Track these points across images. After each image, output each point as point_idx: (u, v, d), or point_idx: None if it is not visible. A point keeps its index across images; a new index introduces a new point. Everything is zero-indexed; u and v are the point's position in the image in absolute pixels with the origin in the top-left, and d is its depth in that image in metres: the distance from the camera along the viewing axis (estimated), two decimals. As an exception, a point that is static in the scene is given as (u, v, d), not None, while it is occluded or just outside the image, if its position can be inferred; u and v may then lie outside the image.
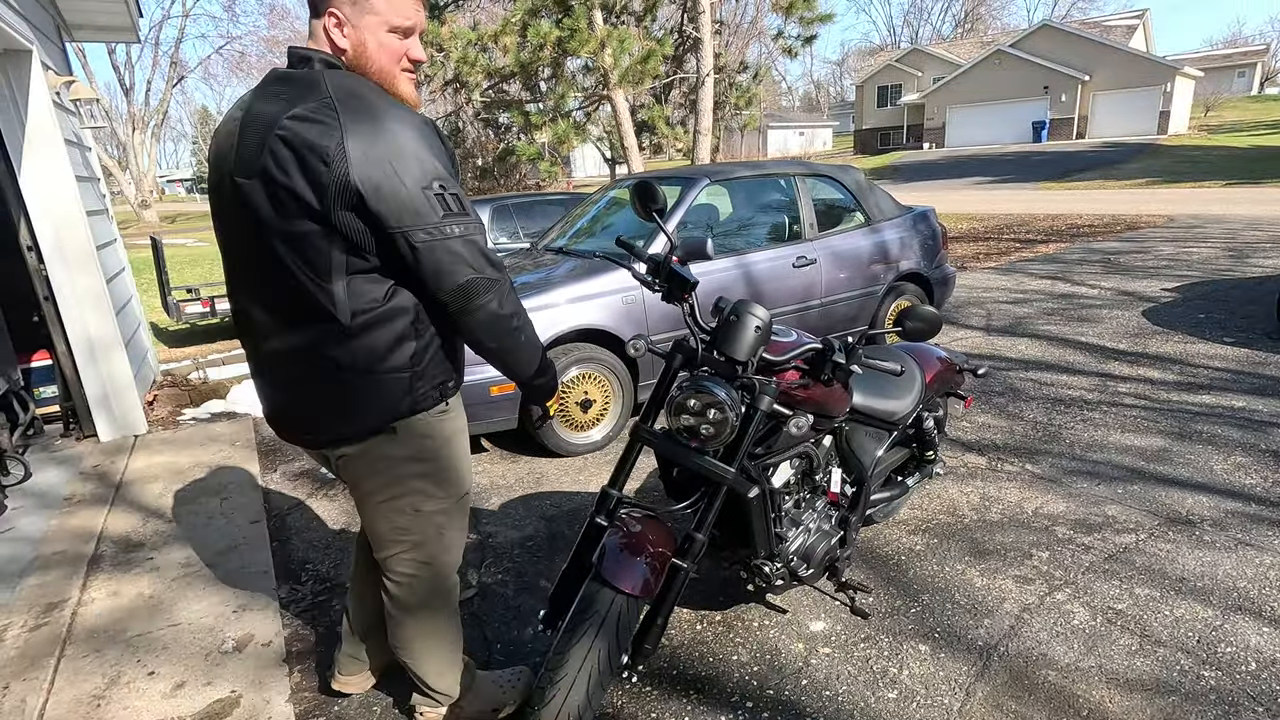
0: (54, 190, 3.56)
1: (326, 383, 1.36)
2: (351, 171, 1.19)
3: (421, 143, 1.25)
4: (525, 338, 1.43)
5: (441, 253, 1.26)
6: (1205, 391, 3.77)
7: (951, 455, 3.22)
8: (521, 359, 1.45)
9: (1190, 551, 2.37)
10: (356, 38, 1.30)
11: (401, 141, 1.23)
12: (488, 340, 1.38)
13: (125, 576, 2.54)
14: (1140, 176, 18.81)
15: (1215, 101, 34.30)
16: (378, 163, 1.20)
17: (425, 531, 1.51)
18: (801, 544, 1.93)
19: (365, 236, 1.25)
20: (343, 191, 1.20)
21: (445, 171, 1.28)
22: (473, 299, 1.31)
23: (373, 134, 1.21)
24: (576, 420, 3.42)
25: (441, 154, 1.29)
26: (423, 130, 1.27)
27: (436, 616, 1.63)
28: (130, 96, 27.14)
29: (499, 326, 1.36)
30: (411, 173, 1.23)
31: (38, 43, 3.59)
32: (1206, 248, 8.12)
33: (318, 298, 1.29)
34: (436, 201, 1.24)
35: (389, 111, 1.25)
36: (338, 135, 1.20)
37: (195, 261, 13.59)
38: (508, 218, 6.30)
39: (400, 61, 1.35)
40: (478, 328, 1.35)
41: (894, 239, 4.43)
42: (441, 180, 1.26)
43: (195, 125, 55.04)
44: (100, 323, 3.77)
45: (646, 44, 9.66)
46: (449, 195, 1.26)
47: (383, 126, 1.23)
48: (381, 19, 1.29)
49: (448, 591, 1.63)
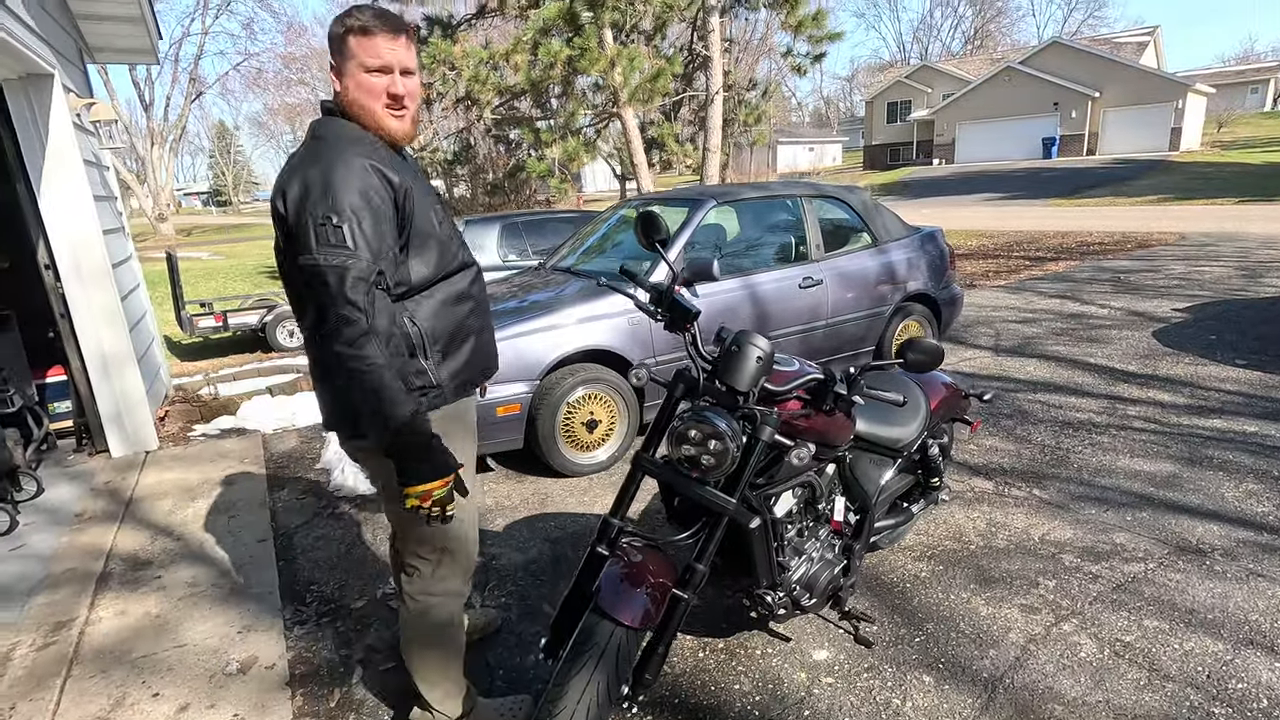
0: (72, 210, 3.63)
1: (319, 386, 1.60)
2: (280, 195, 1.42)
3: (338, 179, 1.36)
4: (371, 389, 1.35)
5: (312, 277, 1.36)
6: (1216, 416, 3.73)
7: (958, 479, 3.20)
8: (364, 408, 1.37)
9: (1200, 582, 2.34)
10: (343, 83, 1.48)
11: (317, 174, 1.38)
12: (336, 374, 1.39)
13: (133, 595, 2.56)
14: (1151, 193, 18.72)
15: (1228, 118, 34.15)
16: (293, 193, 1.39)
17: (421, 529, 1.60)
18: (804, 573, 1.92)
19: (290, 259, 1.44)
20: (276, 215, 1.43)
21: (346, 208, 1.35)
22: (323, 324, 1.37)
23: (303, 167, 1.41)
24: (582, 440, 3.43)
25: (367, 194, 1.38)
26: (349, 170, 1.38)
27: (439, 621, 1.69)
28: (150, 112, 27.63)
29: (341, 364, 1.35)
30: (312, 204, 1.36)
31: (60, 66, 3.68)
32: (1219, 266, 8.06)
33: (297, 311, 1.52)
34: (316, 232, 1.35)
35: (330, 149, 1.42)
36: (287, 167, 1.44)
37: (210, 275, 13.77)
38: (517, 235, 6.35)
39: (380, 98, 1.48)
40: (328, 356, 1.38)
41: (901, 259, 4.43)
42: (337, 214, 1.35)
43: (212, 139, 55.89)
44: (114, 339, 3.83)
45: (656, 62, 9.75)
46: (333, 228, 1.34)
47: (313, 160, 1.41)
48: (357, 62, 1.46)
49: (447, 593, 1.68)
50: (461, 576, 1.71)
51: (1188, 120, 28.11)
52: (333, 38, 1.47)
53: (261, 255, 17.87)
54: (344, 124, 1.49)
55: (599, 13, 8.92)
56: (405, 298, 1.51)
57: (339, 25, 1.46)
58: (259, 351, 7.29)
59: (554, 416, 3.30)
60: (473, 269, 1.66)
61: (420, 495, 1.40)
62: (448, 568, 1.66)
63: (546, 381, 3.31)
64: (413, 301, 1.52)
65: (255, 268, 14.96)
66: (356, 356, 1.34)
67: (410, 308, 1.52)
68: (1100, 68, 28.97)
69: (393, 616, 2.38)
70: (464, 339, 1.61)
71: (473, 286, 1.65)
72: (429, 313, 1.54)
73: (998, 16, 58.34)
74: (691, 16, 10.43)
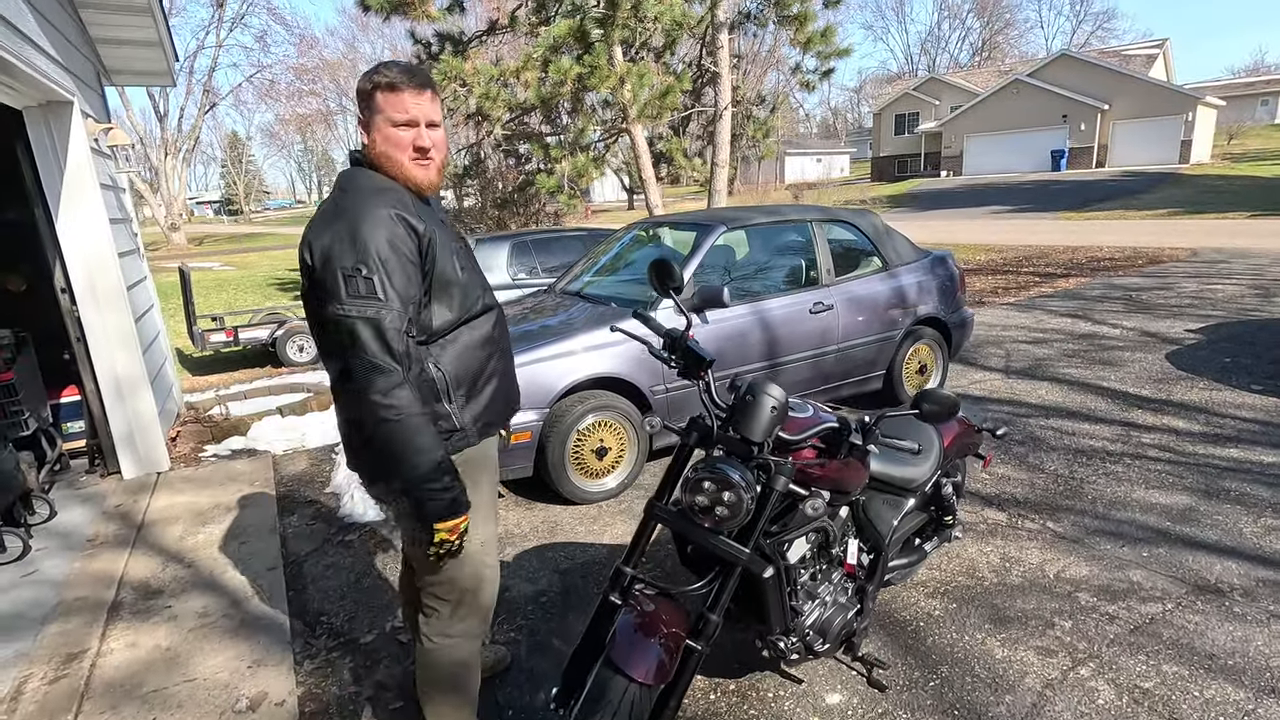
0: (88, 234, 3.66)
1: (341, 429, 1.60)
2: (306, 247, 1.44)
3: (366, 230, 1.39)
4: (402, 435, 1.39)
5: (343, 329, 1.39)
6: (1233, 445, 3.69)
7: (970, 510, 3.17)
8: (392, 458, 1.41)
9: (1220, 625, 2.30)
10: (371, 136, 1.52)
11: (344, 224, 1.41)
12: (368, 424, 1.42)
13: (144, 626, 2.57)
14: (1162, 206, 18.63)
15: (1238, 130, 34.00)
16: (321, 244, 1.41)
17: (437, 572, 1.61)
18: (818, 618, 1.91)
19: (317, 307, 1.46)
20: (304, 265, 1.45)
21: (374, 259, 1.37)
22: (357, 379, 1.40)
23: (330, 217, 1.44)
24: (592, 468, 3.42)
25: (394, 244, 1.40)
26: (376, 220, 1.41)
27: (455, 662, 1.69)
28: (164, 123, 27.96)
29: (372, 412, 1.39)
30: (340, 254, 1.38)
31: (79, 93, 3.73)
32: (1231, 285, 8.00)
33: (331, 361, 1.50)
34: (345, 282, 1.37)
35: (356, 199, 1.45)
36: (321, 219, 1.46)
37: (221, 286, 13.88)
38: (527, 254, 6.37)
39: (407, 150, 1.52)
40: (360, 406, 1.41)
41: (911, 284, 4.42)
42: (366, 264, 1.37)
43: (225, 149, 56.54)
44: (128, 362, 3.86)
45: (665, 79, 9.79)
46: (363, 279, 1.37)
47: (340, 211, 1.44)
48: (384, 116, 1.50)
49: (461, 634, 1.68)
50: (480, 616, 1.70)
51: (1198, 133, 27.99)
52: (361, 93, 1.51)
53: (271, 266, 18.01)
54: (370, 174, 1.52)
55: (609, 30, 8.98)
56: (428, 343, 1.54)
57: (367, 82, 1.50)
58: (269, 366, 7.33)
59: (564, 444, 3.30)
60: (494, 312, 1.68)
61: (449, 530, 1.46)
62: (468, 608, 1.66)
63: (557, 408, 3.31)
64: (436, 346, 1.55)
65: (266, 279, 15.07)
66: (390, 406, 1.39)
67: (434, 353, 1.54)
68: (1109, 80, 28.91)
69: (403, 651, 2.38)
70: (487, 381, 1.63)
71: (495, 329, 1.66)
72: (452, 357, 1.56)
73: (1005, 29, 58.44)
74: (701, 33, 10.49)
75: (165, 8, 4.58)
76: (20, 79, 3.09)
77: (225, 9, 26.53)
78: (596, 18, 9.04)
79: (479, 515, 1.64)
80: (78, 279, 3.69)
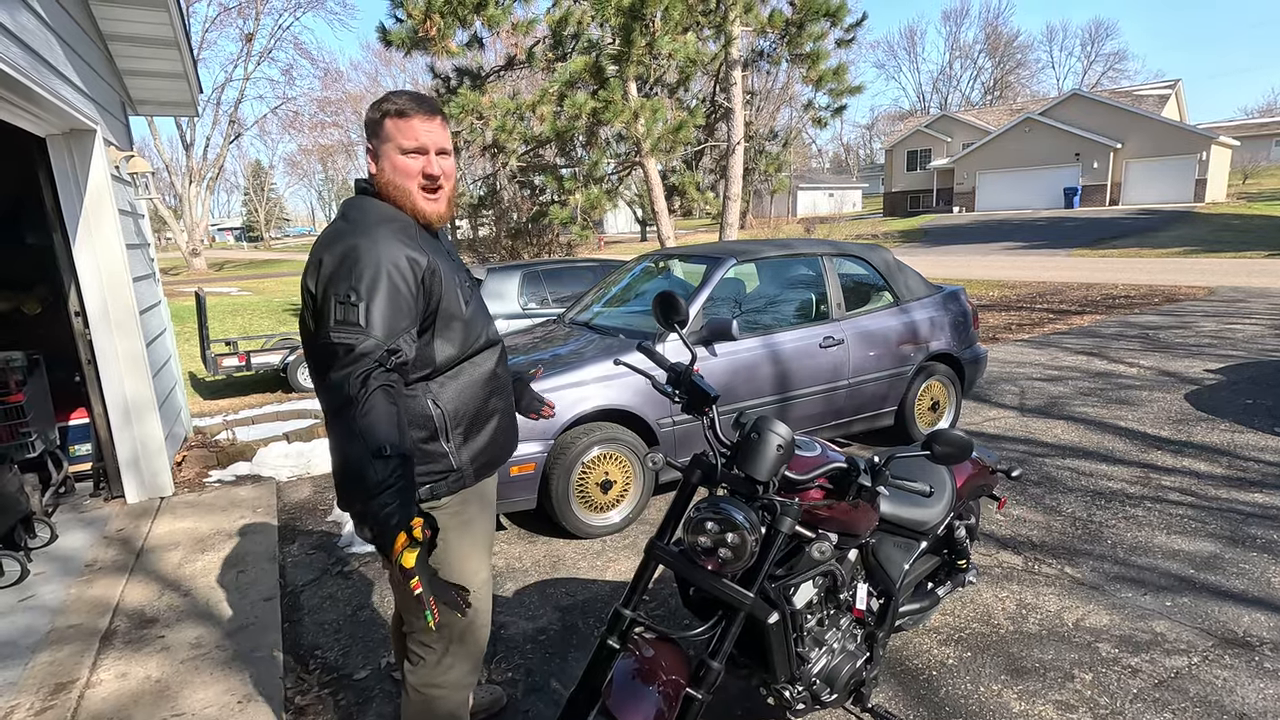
0: (104, 258, 3.71)
1: (334, 466, 1.51)
2: (312, 276, 1.43)
3: (363, 257, 1.37)
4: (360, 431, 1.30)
5: (325, 353, 1.38)
6: (1257, 490, 3.58)
7: (984, 553, 3.08)
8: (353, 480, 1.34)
9: (1250, 681, 2.19)
10: (379, 165, 1.50)
11: (341, 252, 1.39)
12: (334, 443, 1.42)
13: (136, 656, 2.51)
14: (1177, 245, 18.52)
15: (1253, 170, 33.94)
16: (323, 271, 1.40)
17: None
18: (825, 665, 1.83)
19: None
20: (306, 292, 1.44)
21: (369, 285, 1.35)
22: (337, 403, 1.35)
23: (332, 245, 1.42)
24: (596, 501, 3.37)
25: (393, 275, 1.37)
26: (374, 246, 1.39)
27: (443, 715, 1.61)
28: (190, 151, 28.69)
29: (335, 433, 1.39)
30: (336, 281, 1.37)
31: (102, 122, 3.81)
32: (1251, 324, 7.88)
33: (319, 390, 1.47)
34: (336, 309, 1.36)
35: (359, 228, 1.43)
36: (321, 245, 1.44)
37: (237, 311, 14.05)
38: (537, 284, 6.40)
39: (416, 179, 1.49)
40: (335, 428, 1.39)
41: (923, 319, 4.37)
42: (355, 291, 1.35)
43: (247, 177, 57.84)
44: (137, 386, 3.87)
45: (679, 114, 9.93)
46: (349, 305, 1.35)
47: (341, 239, 1.42)
48: (393, 144, 1.48)
49: (452, 684, 1.60)
50: (471, 664, 1.63)
51: (1212, 172, 27.96)
52: (370, 123, 1.50)
53: (288, 292, 18.23)
54: (375, 203, 1.50)
55: (624, 67, 9.15)
56: (429, 379, 1.50)
57: (375, 111, 1.49)
58: (279, 391, 7.35)
59: (568, 476, 3.25)
60: (497, 347, 1.64)
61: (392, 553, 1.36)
62: (455, 656, 1.59)
63: (562, 440, 3.27)
64: (436, 383, 1.51)
65: (282, 304, 15.25)
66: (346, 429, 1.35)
67: (434, 389, 1.50)
68: (1122, 119, 29.05)
69: (396, 690, 2.31)
70: (486, 420, 1.59)
71: (498, 366, 1.63)
72: (452, 394, 1.52)
73: (1017, 68, 59.10)
74: (714, 70, 10.66)
75: (194, 43, 4.70)
76: (44, 107, 3.16)
77: (254, 44, 27.38)
78: (612, 54, 9.23)
79: (474, 558, 1.60)
80: (91, 303, 3.72)
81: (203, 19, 32.95)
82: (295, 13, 33.41)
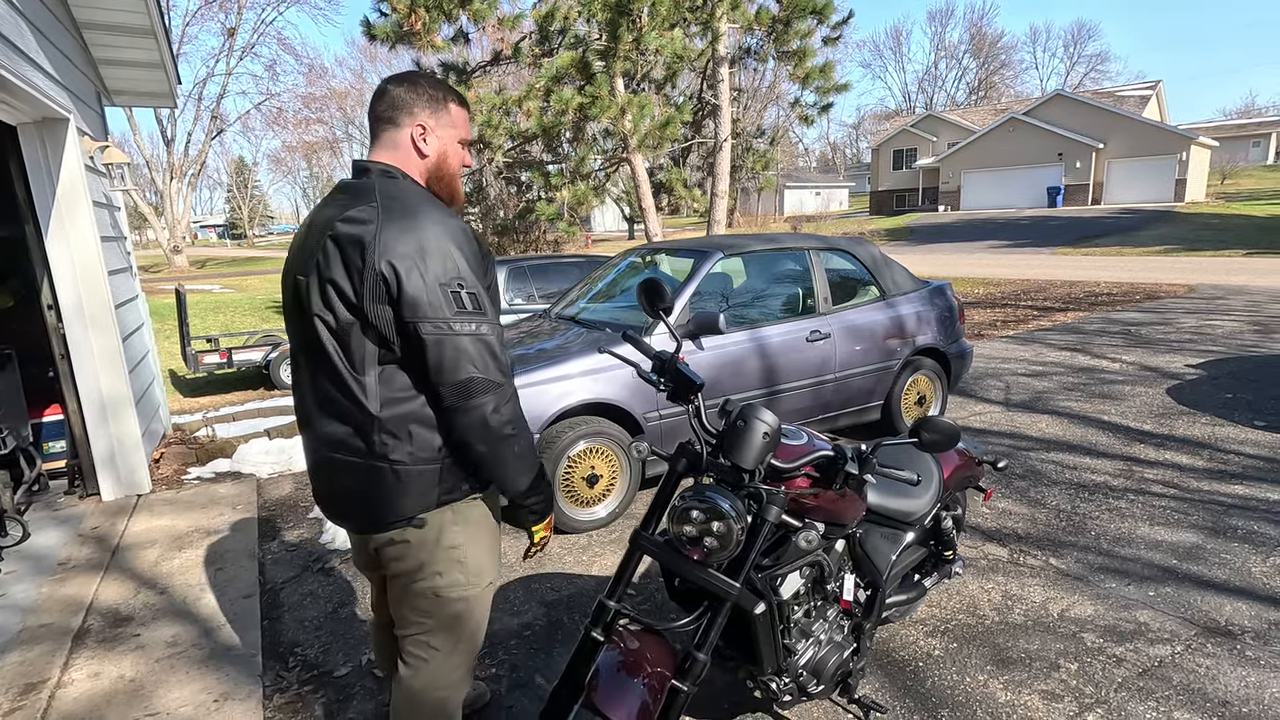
0: (78, 252, 3.63)
1: (360, 473, 1.40)
2: (379, 260, 1.28)
3: (451, 242, 1.32)
4: (518, 449, 1.40)
5: (447, 347, 1.30)
6: (1238, 481, 3.61)
7: (971, 545, 3.08)
8: (510, 471, 1.41)
9: (1232, 669, 2.21)
10: (439, 146, 1.46)
11: (430, 238, 1.31)
12: (477, 443, 1.36)
13: (109, 655, 2.45)
14: (1158, 244, 18.77)
15: (1232, 170, 34.47)
16: (405, 254, 1.28)
17: (442, 616, 1.49)
18: (812, 657, 1.81)
19: (390, 328, 1.32)
20: (373, 279, 1.29)
21: (469, 272, 1.34)
22: (470, 397, 1.32)
23: (406, 228, 1.31)
24: (582, 496, 3.34)
25: (472, 257, 1.36)
26: (456, 232, 1.35)
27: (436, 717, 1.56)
28: (171, 147, 28.27)
29: (490, 431, 1.35)
30: (434, 268, 1.29)
31: (76, 111, 3.72)
32: (1230, 321, 7.98)
33: (353, 388, 1.36)
34: (451, 298, 1.30)
35: (427, 212, 1.35)
36: (375, 229, 1.30)
37: (219, 308, 13.87)
38: (524, 279, 6.35)
39: (461, 170, 1.52)
40: (470, 428, 1.35)
41: (910, 314, 4.37)
42: (462, 279, 1.31)
43: (231, 174, 57.11)
44: (113, 382, 3.79)
45: (666, 111, 9.90)
46: (466, 293, 1.31)
47: (417, 223, 1.32)
48: (456, 132, 1.48)
49: (453, 685, 1.56)
50: (471, 662, 1.58)
51: (1192, 172, 28.34)
52: (426, 99, 1.44)
53: (271, 289, 18.02)
54: (415, 188, 1.42)
55: (611, 62, 9.11)
56: None
57: (439, 90, 1.45)
58: (261, 389, 7.25)
59: (554, 471, 3.22)
60: None
61: (546, 525, 1.51)
62: (460, 655, 1.54)
63: (548, 434, 3.24)
64: None
65: (265, 302, 15.06)
66: (509, 420, 1.36)
67: None
68: (1104, 120, 29.38)
69: (377, 686, 2.27)
70: None
71: None
72: None
73: (1001, 69, 59.64)
74: (702, 67, 10.64)
75: (174, 34, 4.62)
76: (15, 95, 3.08)
77: (236, 38, 27.02)
78: (598, 50, 9.18)
79: (493, 554, 1.56)
80: (65, 296, 3.64)
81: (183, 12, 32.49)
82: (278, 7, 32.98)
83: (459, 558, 1.46)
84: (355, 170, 1.45)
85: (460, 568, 1.47)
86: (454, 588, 1.47)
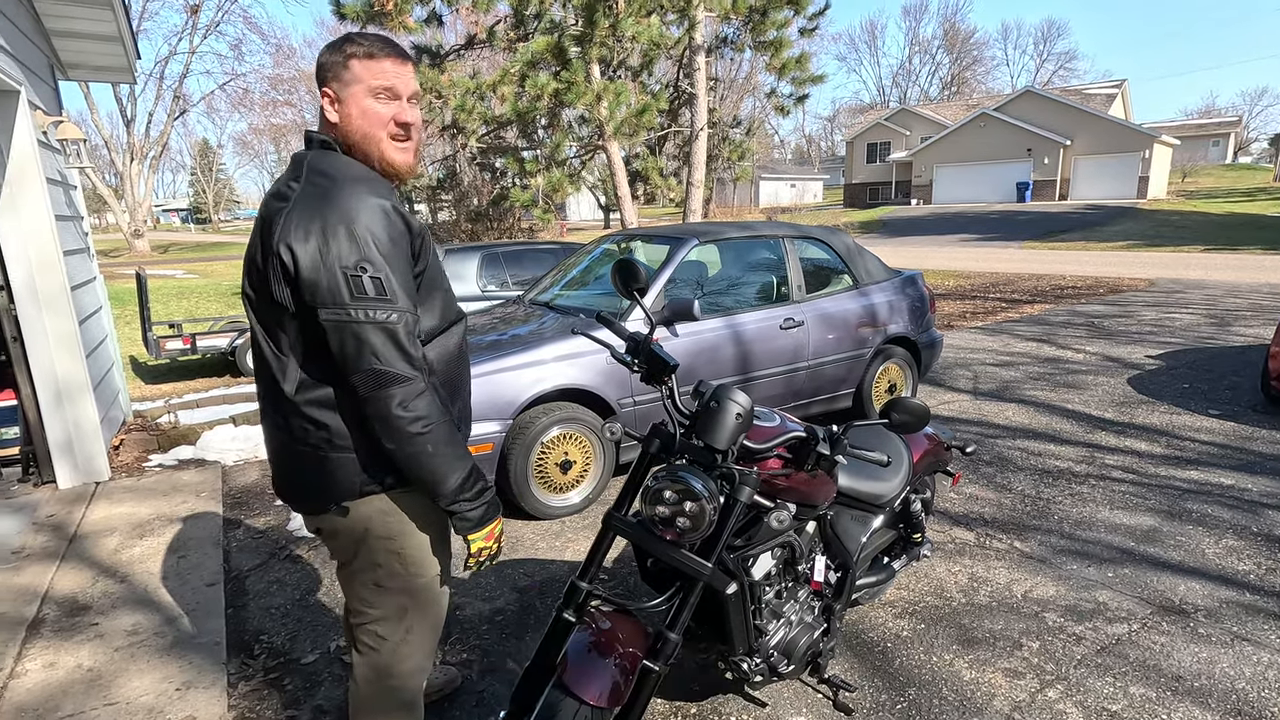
0: (31, 230, 3.49)
1: (288, 454, 1.39)
2: (279, 241, 1.23)
3: (360, 223, 1.23)
4: (431, 449, 1.28)
5: (347, 335, 1.23)
6: (1193, 467, 3.73)
7: (939, 530, 3.14)
8: (426, 471, 1.30)
9: (1185, 646, 2.28)
10: (344, 110, 1.33)
11: (335, 218, 1.23)
12: (385, 439, 1.28)
13: (66, 645, 2.38)
14: (1121, 239, 19.25)
15: (1192, 169, 35.47)
16: (307, 235, 1.22)
17: (387, 606, 1.45)
18: (783, 638, 1.83)
19: (301, 311, 1.26)
20: (276, 261, 1.24)
21: (378, 256, 1.23)
22: (377, 389, 1.25)
23: (313, 208, 1.24)
24: (555, 482, 3.32)
25: (388, 240, 1.25)
26: (369, 212, 1.24)
27: (402, 703, 1.52)
28: (131, 127, 27.30)
29: (394, 427, 1.26)
30: (334, 250, 1.22)
31: (27, 83, 3.57)
32: (1188, 314, 8.23)
33: (274, 371, 1.33)
34: (350, 283, 1.21)
35: (344, 189, 1.26)
36: (287, 208, 1.25)
37: (183, 293, 13.49)
38: (497, 265, 6.28)
39: (387, 126, 1.34)
40: (376, 421, 1.27)
41: (882, 302, 4.42)
42: (366, 263, 1.22)
43: (195, 157, 55.46)
44: (69, 365, 3.66)
45: (642, 98, 9.85)
46: (369, 278, 1.22)
47: (326, 202, 1.24)
48: (362, 85, 1.32)
49: (405, 675, 1.51)
50: (428, 650, 1.54)
51: (1154, 170, 29.10)
52: (329, 65, 1.33)
53: (237, 275, 17.58)
54: (347, 160, 1.34)
55: (587, 48, 9.02)
56: None
57: (336, 53, 1.32)
58: (227, 376, 7.08)
59: (527, 457, 3.20)
60: (463, 322, 1.55)
61: (486, 535, 1.38)
62: (412, 647, 1.49)
63: (520, 420, 3.21)
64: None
65: (230, 288, 14.69)
66: (418, 418, 1.26)
67: None
68: (1071, 117, 29.99)
69: (346, 673, 2.24)
70: (456, 395, 1.49)
71: (464, 340, 1.55)
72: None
73: (973, 65, 60.49)
74: (678, 55, 10.59)
75: (133, 8, 4.45)
76: (-39, 64, 2.94)
77: (199, 15, 26.16)
78: (574, 35, 9.08)
79: (441, 542, 1.52)
80: (17, 277, 3.50)
81: (144, -13, 31.31)
82: (244, -15, 32.00)
83: (395, 549, 1.41)
84: (305, 142, 1.39)
85: (398, 559, 1.42)
86: (394, 578, 1.43)
